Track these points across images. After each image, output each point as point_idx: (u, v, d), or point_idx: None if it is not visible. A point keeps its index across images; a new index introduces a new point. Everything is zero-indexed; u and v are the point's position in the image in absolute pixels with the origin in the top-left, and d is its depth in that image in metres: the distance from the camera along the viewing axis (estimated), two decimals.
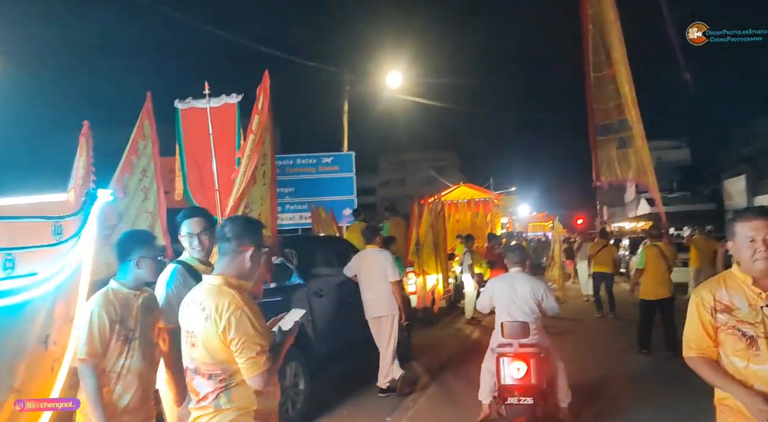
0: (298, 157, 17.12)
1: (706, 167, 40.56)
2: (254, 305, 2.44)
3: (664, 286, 7.79)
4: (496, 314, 5.15)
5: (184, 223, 3.47)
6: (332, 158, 16.86)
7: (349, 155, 17.16)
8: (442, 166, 56.65)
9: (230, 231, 2.53)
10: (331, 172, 16.79)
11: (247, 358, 2.33)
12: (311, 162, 16.79)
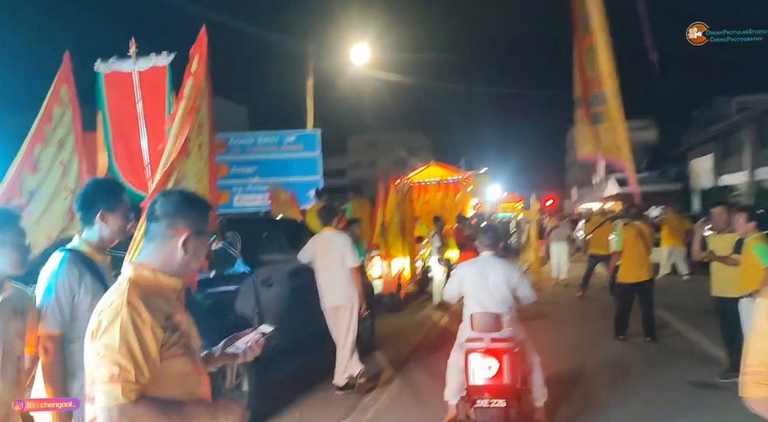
0: (260, 135, 16.25)
1: (673, 147, 40.77)
2: (156, 314, 1.74)
3: (643, 268, 7.33)
4: (465, 304, 4.56)
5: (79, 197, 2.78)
6: (296, 136, 16.02)
7: (314, 133, 16.34)
8: (414, 147, 56.05)
9: (160, 209, 1.89)
10: (295, 151, 15.99)
11: (100, 381, 1.65)
12: (274, 141, 15.95)
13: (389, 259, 9.70)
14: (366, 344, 7.17)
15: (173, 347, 1.77)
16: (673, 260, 13.11)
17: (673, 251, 13.04)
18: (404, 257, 10.02)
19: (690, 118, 47.96)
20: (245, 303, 4.89)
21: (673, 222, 13.10)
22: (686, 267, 12.95)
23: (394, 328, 8.78)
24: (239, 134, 17.05)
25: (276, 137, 16.20)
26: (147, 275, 1.83)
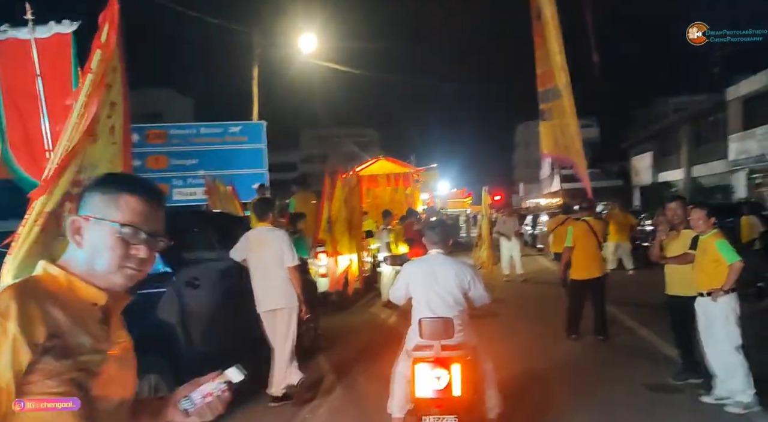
0: (202, 125, 15.40)
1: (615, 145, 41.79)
2: (33, 328, 1.23)
3: (595, 264, 7.07)
4: (414, 308, 4.09)
5: None
6: (240, 127, 15.27)
7: (259, 124, 15.59)
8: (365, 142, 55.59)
9: None
10: (239, 143, 15.23)
11: None
12: (217, 132, 15.13)
13: (336, 255, 9.18)
14: (308, 347, 6.64)
15: (51, 379, 1.33)
16: (618, 255, 13.13)
17: (619, 246, 13.06)
18: (352, 253, 9.51)
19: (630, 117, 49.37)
20: (165, 309, 4.27)
21: (619, 218, 13.13)
22: (631, 262, 13.01)
23: (340, 328, 8.26)
24: (179, 125, 16.14)
25: (219, 127, 15.41)
26: (58, 276, 1.30)
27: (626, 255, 13.03)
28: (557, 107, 8.73)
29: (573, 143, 8.51)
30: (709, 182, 27.48)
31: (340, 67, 18.69)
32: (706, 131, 28.43)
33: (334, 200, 9.17)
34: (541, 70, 9.37)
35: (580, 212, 7.62)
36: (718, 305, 4.66)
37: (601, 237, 7.22)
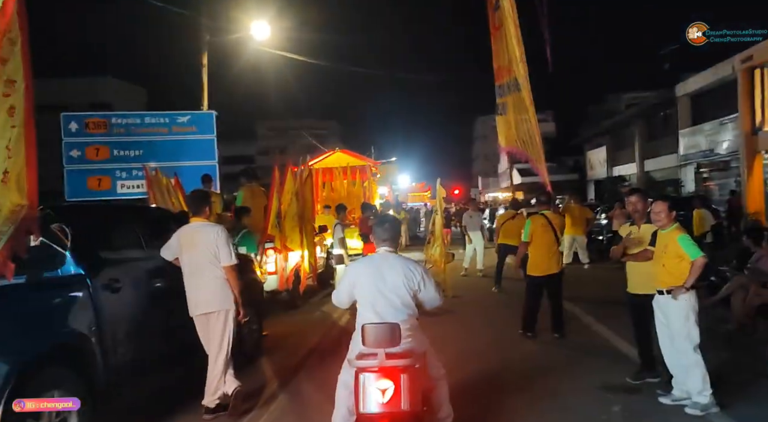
0: (147, 115, 14.63)
1: (570, 139, 42.41)
2: None
3: (553, 260, 6.83)
4: (359, 312, 3.70)
5: None
6: (189, 117, 14.55)
7: (209, 114, 14.90)
8: (324, 134, 54.94)
9: None
10: (188, 133, 14.53)
11: None
12: (164, 122, 14.38)
13: (286, 251, 8.70)
14: (251, 351, 6.18)
15: None
16: (574, 248, 13.06)
17: (575, 240, 12.99)
18: (303, 249, 9.04)
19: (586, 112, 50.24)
20: (76, 316, 3.74)
21: (575, 211, 13.04)
22: (587, 256, 12.96)
23: (288, 329, 7.82)
24: (122, 113, 15.28)
25: (166, 117, 14.68)
26: None
27: (582, 249, 12.98)
28: (516, 100, 8.46)
29: (532, 136, 8.26)
30: (660, 175, 28.08)
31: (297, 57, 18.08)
32: (658, 126, 29.03)
33: (284, 193, 8.68)
34: (498, 64, 9.10)
35: (537, 206, 7.35)
36: (678, 303, 4.44)
37: (559, 232, 6.98)
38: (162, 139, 14.04)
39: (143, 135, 14.00)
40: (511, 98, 8.61)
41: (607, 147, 34.44)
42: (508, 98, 8.72)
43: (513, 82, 8.48)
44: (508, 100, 8.68)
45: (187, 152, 14.14)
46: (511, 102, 8.58)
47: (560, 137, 51.39)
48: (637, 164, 30.00)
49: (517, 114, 8.50)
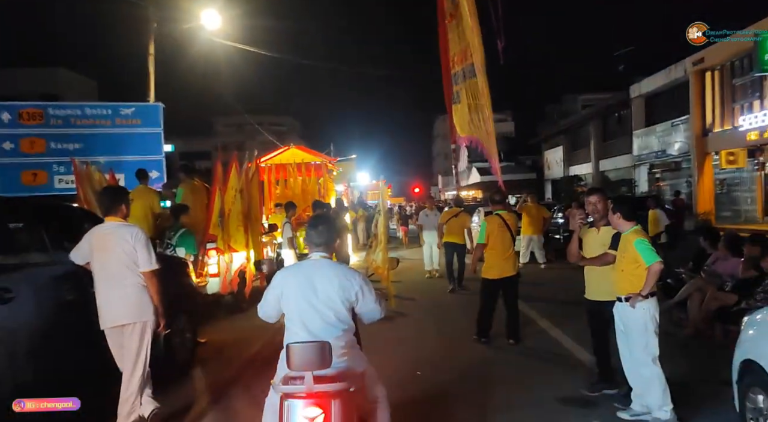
0: (88, 105, 13.78)
1: (529, 139, 42.78)
2: None
3: (509, 262, 6.48)
4: (286, 328, 3.23)
5: None
6: (134, 109, 13.77)
7: (155, 106, 14.13)
8: (283, 131, 54.05)
9: None
10: (132, 126, 13.76)
11: None
12: (106, 113, 13.58)
13: (230, 252, 8.13)
14: (183, 363, 5.63)
15: None
16: (531, 248, 12.86)
17: (532, 239, 12.80)
18: (249, 250, 8.47)
19: (544, 112, 50.86)
20: None
21: (532, 211, 12.86)
22: (543, 256, 12.78)
23: (229, 336, 7.25)
24: (59, 104, 14.32)
25: (108, 108, 13.89)
26: None
27: (539, 249, 12.78)
28: (472, 87, 8.12)
29: (486, 125, 7.93)
30: (614, 175, 28.47)
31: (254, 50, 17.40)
32: (613, 126, 29.44)
33: (227, 190, 8.10)
34: (455, 51, 8.74)
35: (492, 206, 6.98)
36: (637, 311, 4.13)
37: (515, 232, 6.65)
38: (104, 132, 13.26)
39: (83, 127, 13.18)
40: (465, 85, 8.27)
41: (564, 147, 34.81)
42: (462, 85, 8.38)
43: (469, 68, 8.14)
44: (462, 88, 8.34)
45: (131, 146, 13.36)
46: (466, 89, 8.23)
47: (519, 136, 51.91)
48: (592, 163, 30.38)
49: (471, 100, 8.16)
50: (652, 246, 4.19)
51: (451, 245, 10.53)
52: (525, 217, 12.64)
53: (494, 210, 6.78)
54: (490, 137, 7.96)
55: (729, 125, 19.61)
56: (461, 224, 10.57)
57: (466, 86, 8.33)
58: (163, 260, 6.05)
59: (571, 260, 4.89)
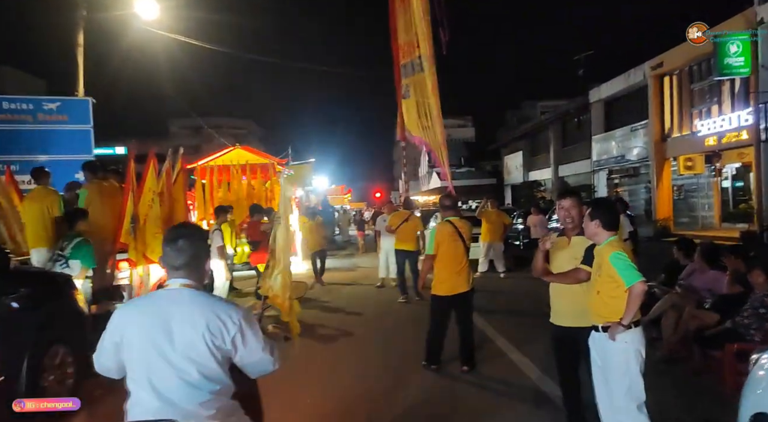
0: (5, 99, 12.34)
1: (489, 144, 42.49)
2: None
3: (461, 276, 5.56)
4: (129, 391, 2.20)
5: None
6: (59, 103, 12.46)
7: (84, 101, 12.78)
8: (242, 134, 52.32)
9: None
10: (58, 122, 12.46)
11: None
12: (27, 108, 12.24)
13: (145, 263, 6.99)
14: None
15: None
16: (490, 256, 12.05)
17: (492, 247, 12.00)
18: None
19: (504, 118, 50.81)
20: None
21: (492, 216, 12.06)
22: (503, 264, 11.98)
23: None
24: None
25: (29, 102, 12.53)
26: None
27: (499, 257, 11.97)
28: (418, 83, 7.22)
29: (435, 127, 7.04)
30: (574, 181, 28.21)
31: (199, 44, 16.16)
32: (572, 132, 29.20)
33: (143, 192, 6.97)
34: (404, 40, 7.82)
35: (441, 212, 6.06)
36: (617, 345, 3.27)
37: (468, 241, 5.74)
38: (25, 128, 11.96)
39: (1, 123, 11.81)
40: (414, 79, 7.36)
41: (524, 152, 34.52)
42: (411, 80, 7.46)
43: (417, 61, 7.24)
44: (410, 83, 7.42)
45: (57, 144, 12.04)
46: (414, 84, 7.32)
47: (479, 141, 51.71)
48: (552, 169, 30.09)
49: (419, 97, 7.25)
50: (632, 262, 3.33)
51: (402, 252, 9.68)
52: (485, 223, 11.84)
53: (445, 217, 5.87)
54: (438, 140, 7.07)
55: (687, 130, 19.40)
56: (412, 228, 9.71)
57: (414, 81, 7.42)
58: (33, 277, 4.92)
59: (536, 275, 4.00)
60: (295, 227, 14.75)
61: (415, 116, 7.31)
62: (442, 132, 7.02)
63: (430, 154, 7.32)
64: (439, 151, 7.05)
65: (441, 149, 7.00)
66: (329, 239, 24.48)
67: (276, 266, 3.45)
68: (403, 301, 9.42)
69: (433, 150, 7.15)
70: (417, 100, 7.22)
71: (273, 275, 3.40)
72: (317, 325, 7.82)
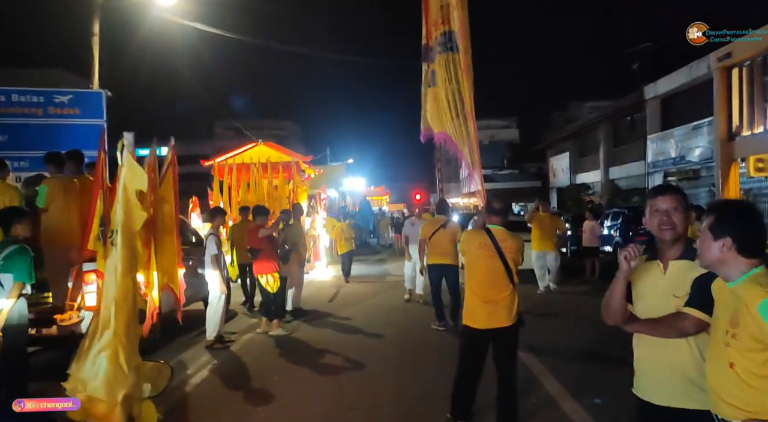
0: (15, 91, 11.53)
1: (534, 145, 40.35)
2: None
3: (500, 306, 4.03)
4: None
5: None
6: (70, 96, 11.57)
7: (96, 93, 11.86)
8: (283, 135, 52.03)
9: None
10: (69, 116, 11.59)
11: None
12: (37, 101, 11.44)
13: None
14: None
15: None
16: (544, 269, 10.10)
17: (546, 257, 10.12)
18: (151, 272, 6.11)
19: (549, 120, 48.56)
20: None
21: (545, 222, 10.19)
22: (556, 278, 10.21)
23: None
24: None
25: (40, 95, 11.68)
26: None
27: (553, 268, 10.12)
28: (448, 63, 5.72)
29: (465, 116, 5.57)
30: (625, 184, 25.99)
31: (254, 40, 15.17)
32: (625, 131, 26.99)
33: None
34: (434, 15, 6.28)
35: (487, 217, 4.50)
36: None
37: (514, 263, 4.16)
38: (34, 122, 11.11)
39: (8, 117, 11.01)
40: (442, 60, 5.84)
41: (571, 153, 32.36)
42: (440, 60, 5.93)
43: (446, 35, 5.73)
44: (439, 65, 5.90)
45: (67, 139, 11.05)
46: (443, 65, 5.80)
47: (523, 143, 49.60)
48: (601, 171, 27.90)
49: (447, 83, 5.74)
50: None
51: (437, 267, 7.80)
52: (535, 229, 10.12)
53: (488, 223, 4.35)
54: (471, 135, 5.55)
55: (759, 127, 17.16)
56: (450, 238, 7.79)
57: (445, 61, 5.91)
58: None
59: (610, 320, 2.49)
60: (320, 230, 13.55)
61: (444, 107, 5.82)
62: (474, 126, 5.51)
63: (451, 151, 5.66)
64: (469, 149, 5.53)
65: (473, 148, 5.49)
66: (362, 243, 23.29)
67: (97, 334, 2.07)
68: (440, 328, 7.66)
69: (459, 149, 5.63)
70: (445, 87, 5.74)
71: (91, 356, 2.03)
72: (325, 351, 6.50)
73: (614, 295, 2.33)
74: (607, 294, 2.37)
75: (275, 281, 7.37)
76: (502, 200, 4.47)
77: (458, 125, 5.56)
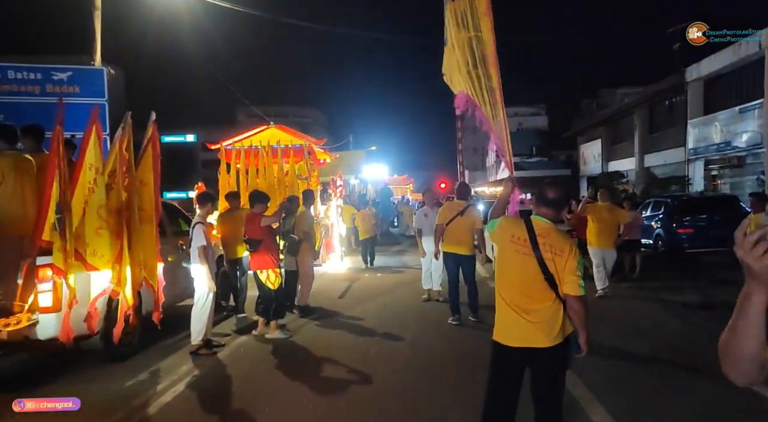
0: (10, 67, 10.77)
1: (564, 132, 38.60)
2: None
3: (536, 320, 2.93)
4: None
5: None
6: (70, 73, 10.77)
7: (98, 70, 11.07)
8: (307, 122, 51.24)
9: None
10: (68, 94, 10.75)
11: None
12: (34, 78, 10.69)
13: (84, 270, 4.87)
14: None
15: None
16: (603, 274, 8.45)
17: (604, 256, 8.49)
18: (123, 266, 5.17)
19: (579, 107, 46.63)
20: None
21: (603, 213, 8.46)
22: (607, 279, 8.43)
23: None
24: None
25: (37, 72, 10.90)
26: None
27: (606, 269, 8.52)
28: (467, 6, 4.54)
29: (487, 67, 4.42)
30: (662, 172, 24.34)
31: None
32: (662, 116, 25.26)
33: (81, 170, 4.87)
34: None
35: (535, 208, 3.25)
36: None
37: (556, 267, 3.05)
38: (31, 100, 10.32)
39: (4, 95, 10.27)
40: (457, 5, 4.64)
41: (603, 140, 30.69)
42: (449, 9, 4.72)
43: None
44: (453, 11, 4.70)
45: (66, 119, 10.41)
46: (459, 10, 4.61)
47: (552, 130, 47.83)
48: (636, 158, 26.26)
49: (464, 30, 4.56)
50: None
51: (453, 256, 7.08)
52: (592, 223, 8.53)
53: (536, 213, 3.23)
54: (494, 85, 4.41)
55: None
56: (469, 225, 7.04)
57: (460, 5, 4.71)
58: None
59: (739, 380, 1.36)
60: (334, 219, 12.56)
61: (460, 59, 4.65)
62: (498, 77, 4.38)
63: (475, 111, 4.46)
64: (490, 108, 4.40)
65: (497, 102, 4.37)
66: (384, 232, 22.35)
67: None
68: (455, 323, 6.92)
69: (478, 107, 4.49)
70: (461, 34, 4.58)
71: None
72: (327, 361, 5.51)
73: (746, 329, 1.23)
74: (730, 329, 1.27)
75: (276, 277, 6.41)
76: (560, 188, 3.26)
77: (477, 77, 4.43)
